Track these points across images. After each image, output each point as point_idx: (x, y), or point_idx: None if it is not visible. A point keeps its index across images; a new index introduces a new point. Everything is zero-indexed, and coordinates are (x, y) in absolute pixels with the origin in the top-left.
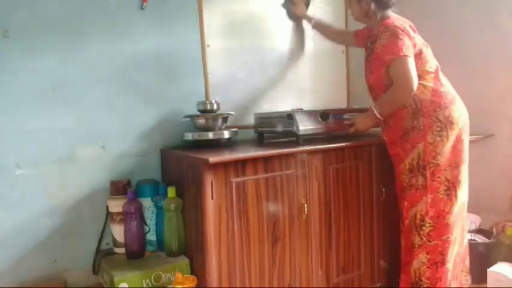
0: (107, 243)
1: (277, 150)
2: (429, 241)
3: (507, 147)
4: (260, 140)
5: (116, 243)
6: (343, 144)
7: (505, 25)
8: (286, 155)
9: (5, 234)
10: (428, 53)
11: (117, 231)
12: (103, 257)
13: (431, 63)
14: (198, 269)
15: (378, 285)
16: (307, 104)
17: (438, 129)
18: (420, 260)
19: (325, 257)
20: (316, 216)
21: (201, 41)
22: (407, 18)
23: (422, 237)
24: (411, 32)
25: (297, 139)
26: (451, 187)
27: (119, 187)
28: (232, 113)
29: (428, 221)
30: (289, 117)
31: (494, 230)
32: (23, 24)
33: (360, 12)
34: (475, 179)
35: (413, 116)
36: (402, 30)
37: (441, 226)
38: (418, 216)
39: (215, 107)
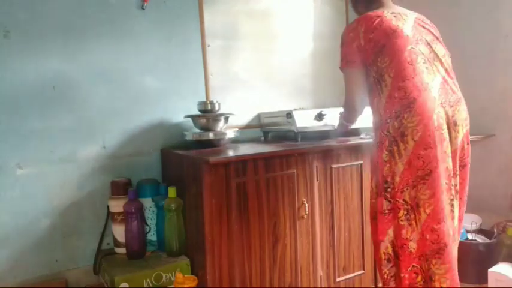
0: (108, 243)
1: (277, 150)
2: (400, 274)
3: (508, 147)
4: (266, 138)
5: (116, 243)
6: (343, 143)
7: (506, 25)
8: (287, 155)
9: (5, 234)
10: (393, 49)
11: (118, 231)
12: (104, 257)
13: (396, 58)
14: (198, 269)
15: (379, 285)
16: (307, 103)
17: (388, 143)
18: None
19: (326, 257)
20: (317, 216)
21: (202, 41)
22: None
23: (394, 267)
24: (358, 31)
25: (295, 136)
26: (410, 210)
27: (120, 187)
28: (233, 113)
29: (395, 249)
30: (288, 115)
31: (495, 230)
32: (23, 25)
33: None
34: (476, 179)
35: (376, 131)
36: (346, 35)
37: (406, 257)
38: (390, 242)
39: (216, 107)
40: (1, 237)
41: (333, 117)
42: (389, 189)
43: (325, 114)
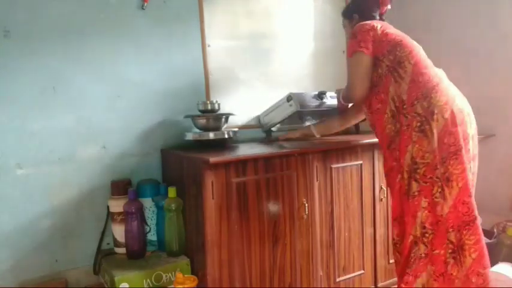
0: (108, 243)
1: (277, 150)
2: (433, 250)
3: (508, 147)
4: (268, 137)
5: (116, 243)
6: (343, 144)
7: (506, 25)
8: (287, 155)
9: (6, 234)
10: (408, 43)
11: (118, 231)
12: (104, 257)
13: (415, 50)
14: (198, 269)
15: (379, 285)
16: None
17: (419, 124)
18: (428, 272)
19: (326, 257)
20: (317, 216)
21: (202, 40)
22: (408, 19)
23: (427, 245)
24: (375, 28)
25: (299, 116)
26: (444, 187)
27: (120, 187)
28: (233, 113)
29: (429, 227)
30: (288, 98)
31: (495, 230)
32: (23, 25)
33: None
34: (476, 179)
35: (393, 119)
36: (360, 29)
37: (441, 233)
38: (420, 224)
39: (216, 107)
40: (1, 237)
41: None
42: (418, 170)
43: (324, 93)
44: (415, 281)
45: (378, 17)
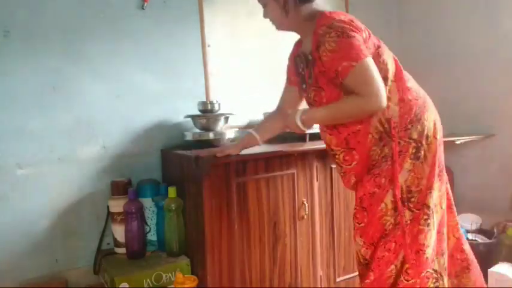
0: (108, 243)
1: (277, 150)
2: (407, 280)
3: (508, 147)
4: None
5: (116, 243)
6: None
7: (506, 25)
8: (287, 155)
9: (6, 234)
10: (385, 49)
11: (118, 231)
12: (104, 256)
13: (390, 60)
14: (198, 269)
15: None
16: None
17: (414, 150)
18: None
19: (326, 257)
20: (317, 216)
21: (202, 40)
22: (408, 19)
23: (404, 277)
24: (359, 23)
25: (302, 136)
26: (431, 214)
27: (120, 187)
28: (233, 113)
29: (413, 257)
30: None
31: (495, 230)
32: (23, 24)
33: (278, 13)
34: (476, 179)
35: (380, 141)
36: (350, 25)
37: (421, 262)
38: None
39: (216, 107)
40: (1, 237)
41: None
42: (413, 199)
43: None
44: None
45: None
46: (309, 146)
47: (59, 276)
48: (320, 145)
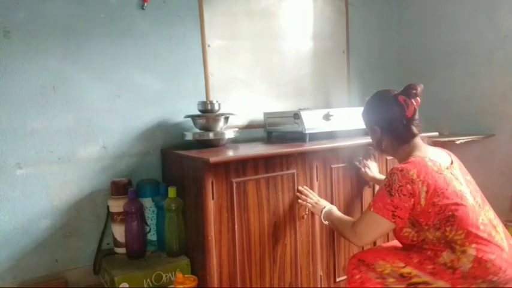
0: (108, 243)
1: (277, 150)
2: None
3: (508, 147)
4: (269, 138)
5: (116, 243)
6: (343, 144)
7: (506, 25)
8: (287, 155)
9: (5, 234)
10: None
11: (118, 231)
12: (104, 257)
13: (465, 223)
14: (198, 269)
15: None
16: (308, 104)
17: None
18: None
19: (326, 257)
20: (317, 216)
21: (202, 41)
22: (408, 19)
23: None
24: (418, 186)
25: (303, 137)
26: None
27: (120, 187)
28: (233, 113)
29: None
30: (295, 116)
31: None
32: (24, 24)
33: (374, 143)
34: (476, 179)
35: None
36: (402, 185)
37: None
38: None
39: (216, 107)
40: (1, 237)
41: (339, 118)
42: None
43: (332, 115)
44: None
45: (405, 121)
46: (309, 146)
47: (59, 276)
48: (320, 145)
